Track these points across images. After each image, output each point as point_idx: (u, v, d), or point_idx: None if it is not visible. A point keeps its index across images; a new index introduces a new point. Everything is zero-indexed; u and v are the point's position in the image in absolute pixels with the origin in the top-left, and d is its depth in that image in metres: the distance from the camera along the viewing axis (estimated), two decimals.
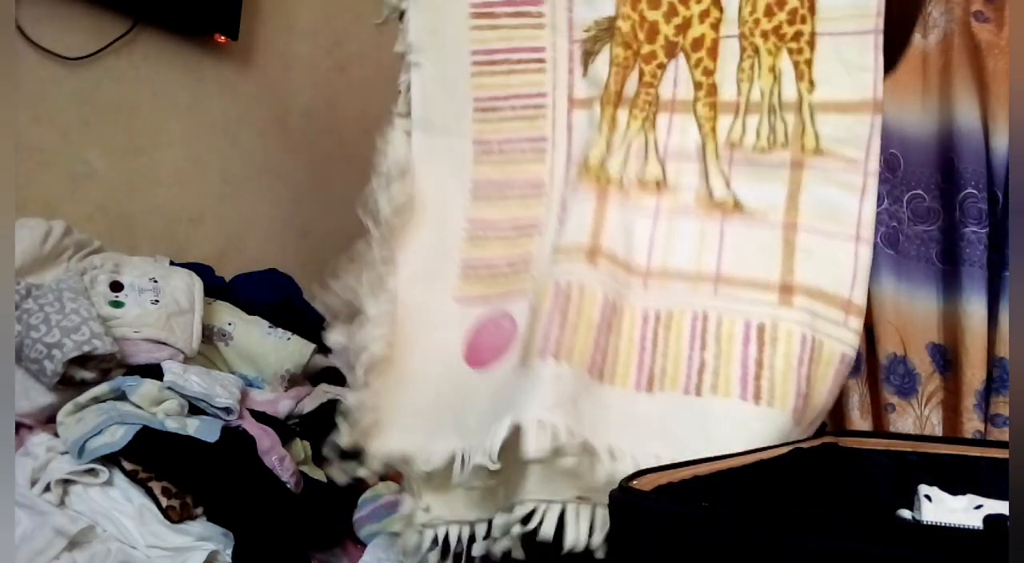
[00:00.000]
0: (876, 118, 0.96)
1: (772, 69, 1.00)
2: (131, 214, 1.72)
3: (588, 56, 1.06)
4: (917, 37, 1.74)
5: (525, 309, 0.99)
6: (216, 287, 1.58)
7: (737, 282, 0.97)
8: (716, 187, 1.00)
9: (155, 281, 1.40)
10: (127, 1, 1.66)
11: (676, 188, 1.02)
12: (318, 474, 1.34)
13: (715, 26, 1.03)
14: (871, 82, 0.96)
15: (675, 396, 0.93)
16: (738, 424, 0.90)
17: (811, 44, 0.98)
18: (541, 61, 1.08)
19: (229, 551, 1.07)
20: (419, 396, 1.00)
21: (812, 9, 0.98)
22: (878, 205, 1.68)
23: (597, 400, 0.92)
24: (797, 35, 0.99)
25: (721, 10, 1.03)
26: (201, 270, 1.54)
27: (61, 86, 1.60)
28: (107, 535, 1.06)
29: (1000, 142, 1.60)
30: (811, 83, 0.98)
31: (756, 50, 1.01)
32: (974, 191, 1.62)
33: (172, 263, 1.55)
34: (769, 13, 1.00)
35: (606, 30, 1.06)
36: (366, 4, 2.27)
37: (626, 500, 0.61)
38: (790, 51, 0.99)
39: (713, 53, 1.03)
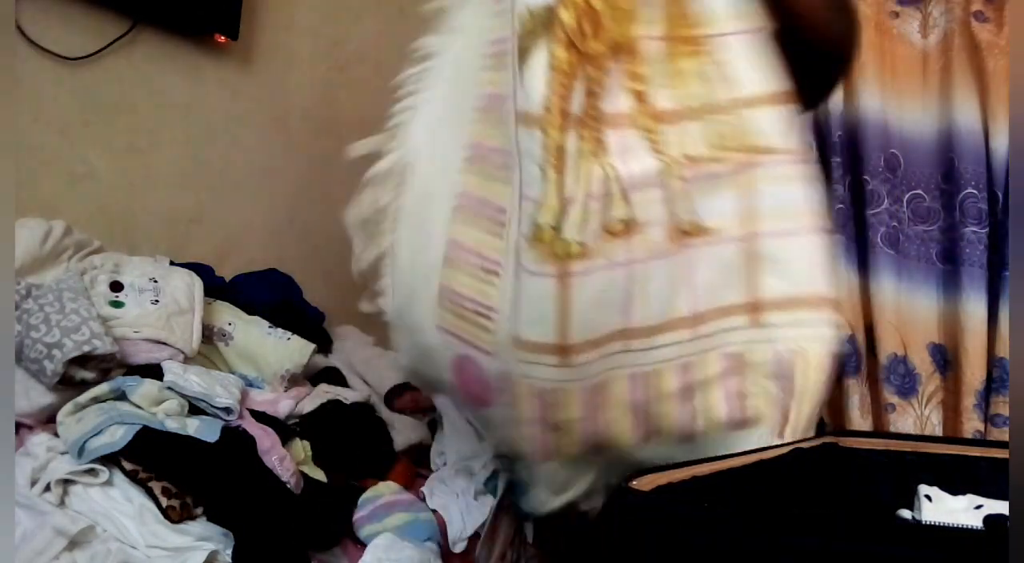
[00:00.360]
0: (789, 109, 0.90)
1: (694, 72, 0.89)
2: (131, 214, 1.72)
3: (522, 56, 0.85)
4: (917, 37, 1.74)
5: (496, 372, 0.94)
6: (216, 287, 1.58)
7: (711, 316, 0.92)
8: (681, 211, 0.90)
9: (155, 281, 1.40)
10: (127, 1, 1.66)
11: (646, 225, 0.89)
12: (318, 474, 1.34)
13: (646, 24, 0.88)
14: (772, 76, 0.89)
15: (671, 444, 0.95)
16: (727, 449, 0.88)
17: (717, 46, 0.89)
18: (504, 54, 0.90)
19: (229, 551, 1.07)
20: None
21: (704, 13, 0.89)
22: (878, 205, 1.71)
23: (592, 462, 0.97)
24: (703, 38, 0.89)
25: (647, 6, 0.89)
26: (201, 270, 1.54)
27: (61, 86, 1.60)
28: (107, 535, 1.05)
29: (1000, 142, 1.60)
30: (732, 81, 0.89)
31: (674, 53, 0.89)
32: (974, 191, 1.62)
33: (172, 263, 1.54)
34: (679, 15, 0.88)
35: (544, 24, 0.84)
36: (366, 4, 2.28)
37: (625, 500, 0.61)
38: (702, 54, 0.89)
39: (644, 56, 0.89)
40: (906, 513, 0.90)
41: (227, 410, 1.25)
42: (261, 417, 1.33)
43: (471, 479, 1.55)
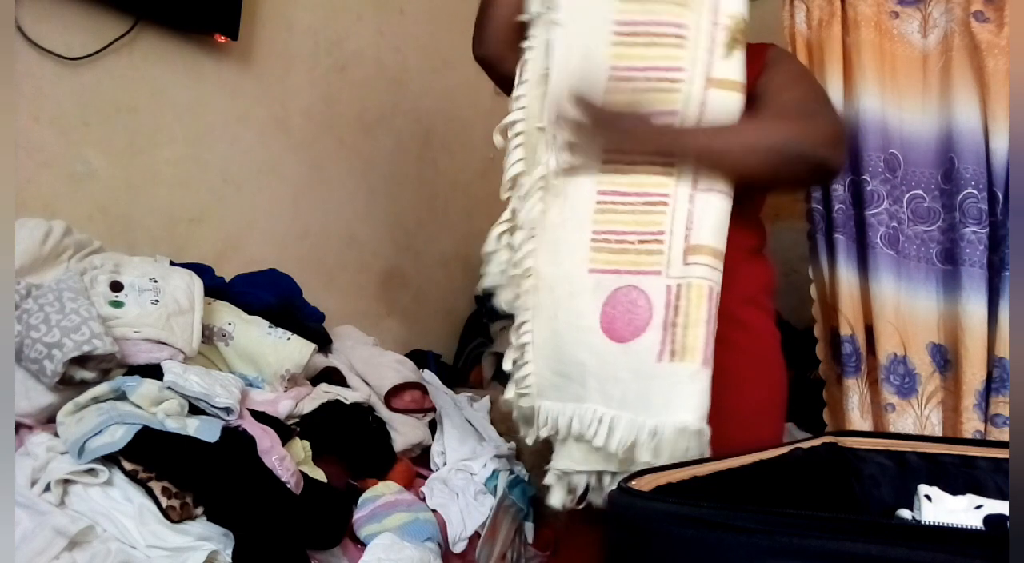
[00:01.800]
0: None
1: None
2: (131, 214, 1.72)
3: (732, 43, 1.11)
4: (917, 37, 1.74)
5: (662, 291, 1.07)
6: (216, 287, 1.58)
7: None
8: None
9: (155, 281, 1.40)
10: (127, 0, 1.66)
11: None
12: (318, 474, 1.34)
13: None
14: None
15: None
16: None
17: None
18: (681, 37, 1.11)
19: (229, 551, 1.07)
20: (563, 362, 1.12)
21: None
22: (878, 205, 1.71)
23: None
24: None
25: None
26: (201, 270, 1.54)
27: (61, 86, 1.60)
28: (107, 535, 1.05)
29: (1000, 142, 1.60)
30: None
31: None
32: (974, 191, 1.62)
33: (172, 263, 1.54)
34: None
35: (745, 27, 1.13)
36: (366, 4, 2.28)
37: (625, 500, 0.61)
38: None
39: None
40: (906, 513, 0.90)
41: (227, 410, 1.25)
42: (261, 417, 1.33)
43: (471, 479, 1.55)
